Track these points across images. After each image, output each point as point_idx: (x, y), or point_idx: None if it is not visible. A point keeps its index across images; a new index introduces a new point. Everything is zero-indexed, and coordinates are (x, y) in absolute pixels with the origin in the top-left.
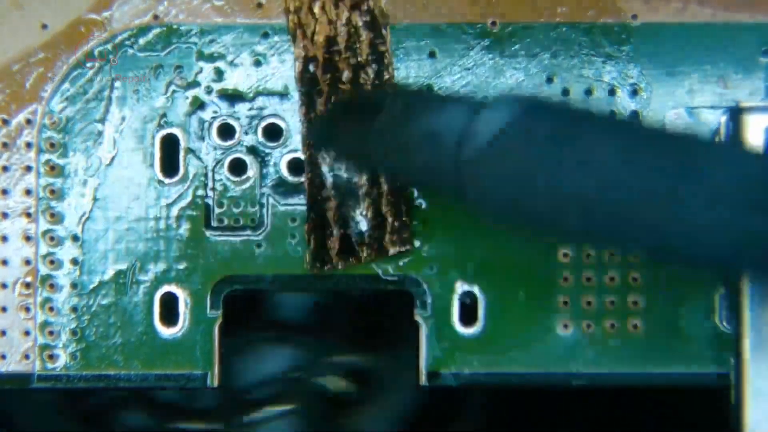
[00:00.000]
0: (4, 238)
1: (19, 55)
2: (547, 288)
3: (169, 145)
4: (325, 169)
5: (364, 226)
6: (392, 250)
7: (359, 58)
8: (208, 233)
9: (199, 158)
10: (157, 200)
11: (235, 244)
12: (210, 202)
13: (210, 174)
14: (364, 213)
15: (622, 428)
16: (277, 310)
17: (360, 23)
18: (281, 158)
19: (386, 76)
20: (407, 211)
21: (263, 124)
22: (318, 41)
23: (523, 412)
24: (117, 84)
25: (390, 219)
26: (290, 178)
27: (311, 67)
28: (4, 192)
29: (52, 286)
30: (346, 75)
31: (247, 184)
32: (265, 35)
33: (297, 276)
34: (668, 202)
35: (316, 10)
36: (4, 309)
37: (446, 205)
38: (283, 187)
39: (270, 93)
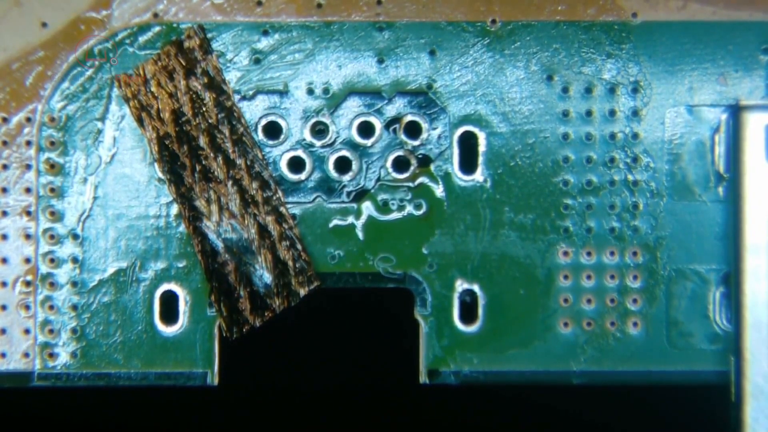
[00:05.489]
0: (4, 237)
1: (18, 53)
2: (547, 287)
3: None
4: (212, 236)
5: (268, 277)
6: (303, 292)
7: (210, 120)
8: None
9: None
10: (157, 198)
11: None
12: None
13: None
14: (263, 265)
15: (622, 428)
16: None
17: (199, 87)
18: (281, 156)
19: (240, 129)
20: (304, 249)
21: (263, 122)
22: (166, 118)
23: (522, 412)
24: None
25: (291, 262)
26: (290, 176)
27: (167, 145)
28: (4, 190)
29: (52, 284)
30: (202, 140)
31: None
32: (265, 33)
33: None
34: None
35: (154, 88)
36: (4, 307)
37: (446, 205)
38: (283, 185)
39: (269, 91)
